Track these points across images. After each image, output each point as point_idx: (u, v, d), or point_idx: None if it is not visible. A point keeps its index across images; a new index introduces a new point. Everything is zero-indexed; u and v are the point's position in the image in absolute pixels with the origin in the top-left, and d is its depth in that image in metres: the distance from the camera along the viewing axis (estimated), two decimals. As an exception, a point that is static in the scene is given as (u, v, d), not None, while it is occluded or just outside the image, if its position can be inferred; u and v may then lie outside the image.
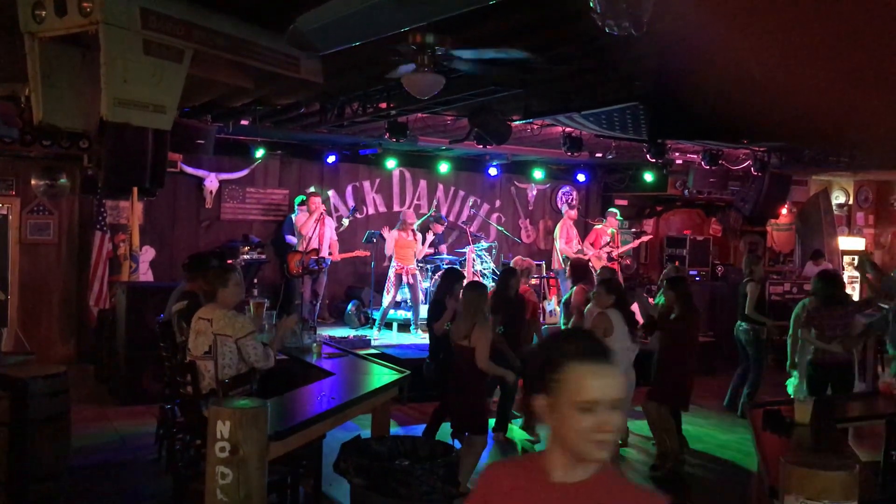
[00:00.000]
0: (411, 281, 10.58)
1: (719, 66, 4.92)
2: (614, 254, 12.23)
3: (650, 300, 8.34)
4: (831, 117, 6.34)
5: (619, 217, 12.84)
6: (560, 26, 5.31)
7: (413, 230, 10.94)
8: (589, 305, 6.78)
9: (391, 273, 10.61)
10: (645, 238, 13.53)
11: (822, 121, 6.60)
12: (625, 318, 6.20)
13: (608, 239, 12.39)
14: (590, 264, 11.22)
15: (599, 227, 12.58)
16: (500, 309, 6.95)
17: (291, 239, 11.06)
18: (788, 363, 7.78)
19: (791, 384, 7.70)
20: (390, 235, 10.93)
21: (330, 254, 10.83)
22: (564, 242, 12.03)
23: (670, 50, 5.11)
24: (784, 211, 13.67)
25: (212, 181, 11.14)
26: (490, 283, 9.96)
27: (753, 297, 8.41)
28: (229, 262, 9.42)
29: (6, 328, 9.32)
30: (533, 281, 11.26)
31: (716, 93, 5.50)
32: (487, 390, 6.35)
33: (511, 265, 7.92)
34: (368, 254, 11.25)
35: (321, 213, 10.66)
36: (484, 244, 11.86)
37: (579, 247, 12.13)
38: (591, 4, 3.02)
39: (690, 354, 6.75)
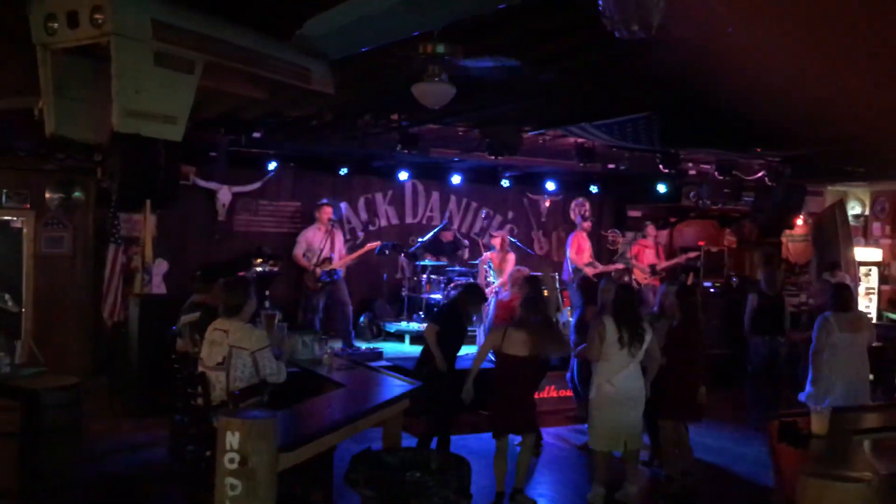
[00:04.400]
0: None
1: (732, 74, 4.89)
2: (658, 267, 12.18)
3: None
4: (846, 125, 6.29)
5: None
6: (572, 35, 5.29)
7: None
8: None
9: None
10: (692, 255, 13.17)
11: (837, 129, 6.55)
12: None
13: (652, 252, 12.34)
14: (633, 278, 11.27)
15: (643, 239, 12.52)
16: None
17: (300, 258, 10.79)
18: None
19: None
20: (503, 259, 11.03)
21: (341, 268, 10.74)
22: (575, 253, 11.98)
23: (682, 59, 5.08)
24: (799, 222, 13.55)
25: (224, 194, 11.16)
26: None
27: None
28: (241, 273, 9.44)
29: (20, 340, 9.35)
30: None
31: (727, 101, 5.47)
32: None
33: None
34: (379, 243, 11.21)
35: (330, 226, 10.62)
36: (497, 256, 11.82)
37: (590, 259, 12.06)
38: (601, 7, 3.00)
39: (696, 363, 6.66)
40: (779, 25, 3.96)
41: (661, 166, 9.77)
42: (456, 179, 12.73)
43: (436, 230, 12.13)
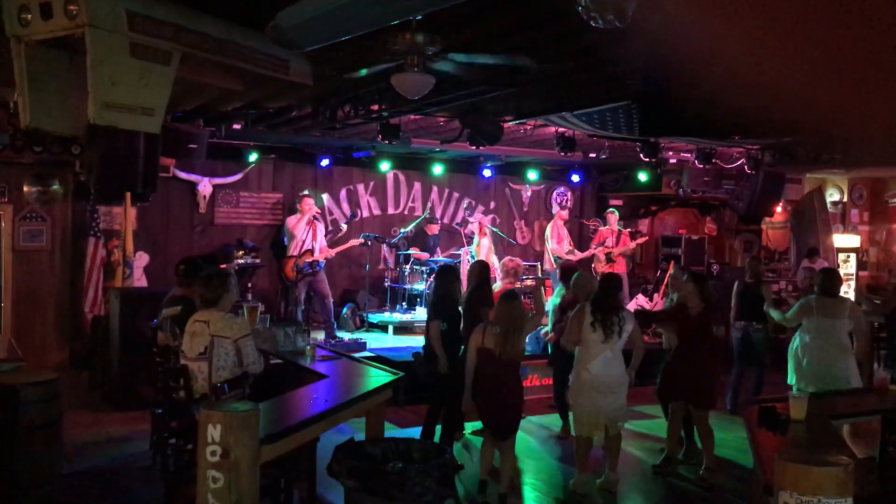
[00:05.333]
0: None
1: (709, 62, 4.91)
2: (613, 254, 12.20)
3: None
4: (822, 114, 6.33)
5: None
6: (549, 25, 5.30)
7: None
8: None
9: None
10: (641, 240, 13.32)
11: (814, 117, 6.59)
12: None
13: (612, 241, 12.36)
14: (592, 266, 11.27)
15: (604, 228, 12.54)
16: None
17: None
18: None
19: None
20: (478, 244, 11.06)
21: (323, 260, 10.68)
22: (556, 243, 12.01)
23: (660, 47, 5.10)
24: (779, 209, 13.66)
25: (205, 186, 11.11)
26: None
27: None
28: (222, 266, 9.40)
29: (-1, 335, 9.29)
30: (529, 282, 11.28)
31: (706, 90, 5.49)
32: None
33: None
34: (362, 241, 11.19)
35: (312, 217, 10.58)
36: (479, 246, 11.84)
37: (570, 247, 12.10)
38: (576, -3, 3.01)
39: (713, 350, 6.71)
40: (752, 14, 3.98)
41: (641, 155, 9.82)
42: (437, 170, 12.72)
43: (417, 221, 12.13)
